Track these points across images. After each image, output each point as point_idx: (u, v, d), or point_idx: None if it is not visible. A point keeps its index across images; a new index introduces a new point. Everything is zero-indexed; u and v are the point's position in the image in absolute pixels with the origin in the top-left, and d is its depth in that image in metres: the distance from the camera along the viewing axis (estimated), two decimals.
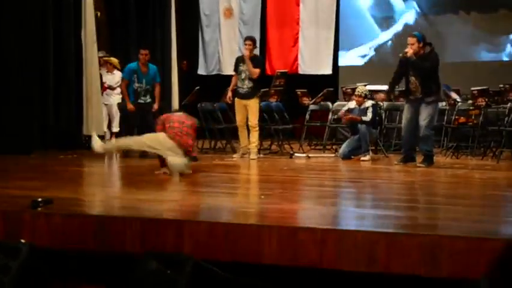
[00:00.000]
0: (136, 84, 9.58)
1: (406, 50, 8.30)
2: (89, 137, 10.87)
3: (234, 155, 9.53)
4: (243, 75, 9.40)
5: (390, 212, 4.79)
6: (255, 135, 9.42)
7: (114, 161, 9.28)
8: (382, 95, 8.75)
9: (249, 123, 9.38)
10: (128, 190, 6.08)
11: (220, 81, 14.00)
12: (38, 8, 10.46)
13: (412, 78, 8.34)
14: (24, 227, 4.36)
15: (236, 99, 9.51)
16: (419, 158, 8.42)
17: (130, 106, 9.54)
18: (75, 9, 10.93)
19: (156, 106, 9.51)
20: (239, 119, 9.46)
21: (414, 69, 8.25)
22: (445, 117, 10.74)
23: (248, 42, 9.50)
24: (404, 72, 8.42)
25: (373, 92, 10.63)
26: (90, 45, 11.09)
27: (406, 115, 8.49)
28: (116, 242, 4.18)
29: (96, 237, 4.24)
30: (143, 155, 8.89)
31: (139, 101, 9.61)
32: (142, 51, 9.64)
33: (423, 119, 8.22)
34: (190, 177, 6.99)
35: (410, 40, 8.31)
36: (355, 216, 4.67)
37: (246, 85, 9.39)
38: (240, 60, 9.55)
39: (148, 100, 9.64)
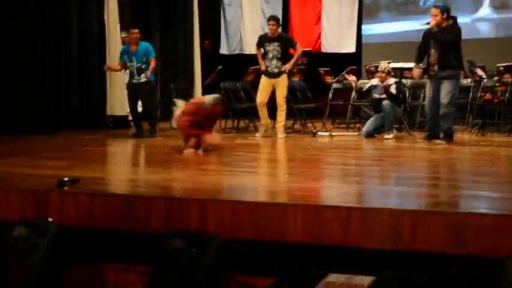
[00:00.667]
0: (129, 64, 9.60)
1: (430, 20, 8.22)
2: (113, 117, 10.98)
3: (256, 134, 9.51)
4: (270, 55, 9.33)
5: (415, 189, 4.76)
6: (282, 114, 9.36)
7: (139, 140, 9.33)
8: (417, 71, 8.63)
9: (277, 100, 9.33)
10: (152, 169, 6.11)
11: (243, 61, 14.00)
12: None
13: (432, 51, 8.26)
14: (51, 206, 4.42)
15: (263, 77, 9.44)
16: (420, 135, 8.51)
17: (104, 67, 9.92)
18: None
19: (148, 74, 9.45)
20: (262, 97, 9.40)
21: (435, 41, 8.17)
22: (470, 94, 10.61)
23: (272, 22, 9.39)
24: (427, 46, 8.34)
25: (404, 71, 10.49)
26: (113, 26, 11.14)
27: (428, 92, 8.43)
28: (141, 221, 4.21)
29: (121, 216, 4.27)
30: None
31: (133, 80, 9.61)
32: (132, 30, 9.67)
33: (443, 96, 8.16)
34: (213, 157, 7.01)
35: (434, 11, 8.21)
36: (380, 194, 4.65)
37: (275, 64, 9.33)
38: (265, 39, 9.45)
39: (143, 80, 9.59)
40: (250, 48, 14.81)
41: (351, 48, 14.14)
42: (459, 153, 7.46)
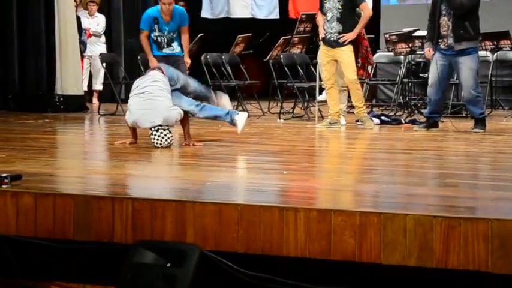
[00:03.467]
0: (156, 33, 9.14)
1: None
2: (64, 97, 10.95)
3: (319, 124, 9.13)
4: (329, 15, 8.92)
5: (447, 190, 4.77)
6: (357, 95, 9.04)
7: (96, 126, 9.31)
8: (430, 50, 8.53)
9: (346, 79, 9.02)
10: (115, 163, 6.10)
11: (230, 27, 13.98)
12: None
13: (444, 19, 8.27)
14: None
15: (322, 49, 9.12)
16: (456, 123, 8.60)
17: (154, 62, 8.63)
18: None
19: (187, 60, 8.92)
20: (327, 74, 9.04)
21: (447, 5, 8.18)
22: (490, 71, 10.76)
23: None
24: (440, 13, 8.34)
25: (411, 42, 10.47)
26: None
27: (433, 70, 8.42)
28: (101, 229, 4.20)
29: (75, 222, 4.26)
30: None
31: (162, 53, 9.13)
32: (165, 0, 9.04)
33: (466, 77, 8.20)
34: (192, 148, 7.00)
35: None
36: (402, 195, 4.66)
37: (335, 28, 8.94)
38: None
39: (178, 50, 9.30)
40: (240, 11, 14.84)
41: None
42: (500, 144, 7.49)
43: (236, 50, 11.30)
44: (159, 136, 6.65)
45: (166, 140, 6.67)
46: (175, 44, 8.96)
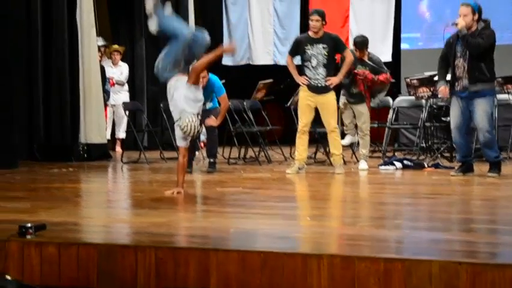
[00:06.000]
0: None
1: (457, 21, 8.24)
2: (87, 146, 11.04)
3: (289, 170, 9.20)
4: (314, 62, 9.00)
5: (472, 236, 4.73)
6: (336, 143, 9.11)
7: (119, 174, 9.34)
8: (444, 89, 8.52)
9: (328, 126, 9.08)
10: (138, 211, 6.11)
11: (251, 73, 14.08)
12: None
13: (460, 61, 8.28)
14: (10, 259, 4.41)
15: (303, 93, 9.13)
16: (479, 166, 8.56)
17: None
18: None
19: (215, 123, 8.17)
20: (305, 121, 9.08)
21: (463, 46, 8.19)
22: None
23: (315, 16, 9.04)
24: (453, 55, 8.34)
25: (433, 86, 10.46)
26: (88, 30, 11.21)
27: (454, 114, 8.42)
28: (125, 278, 4.20)
29: (99, 271, 4.26)
30: None
31: None
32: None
33: (480, 119, 8.18)
34: (215, 195, 7.00)
35: (464, 10, 8.22)
36: (427, 241, 4.62)
37: (322, 74, 8.99)
38: (305, 41, 9.10)
39: (209, 105, 9.35)
40: (261, 58, 14.95)
41: (385, 56, 14.16)
42: None
43: (257, 96, 11.37)
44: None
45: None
46: (208, 103, 9.16)
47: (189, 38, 6.93)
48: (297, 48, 9.20)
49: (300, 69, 9.19)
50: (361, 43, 9.79)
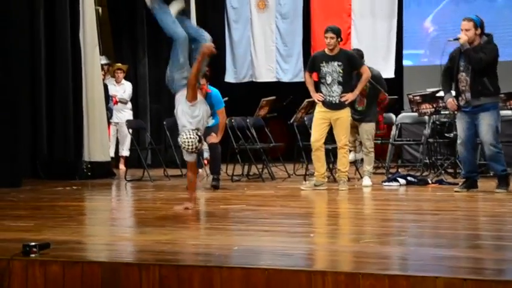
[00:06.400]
0: None
1: (459, 35, 8.26)
2: (91, 164, 11.04)
3: (302, 186, 9.23)
4: (329, 79, 9.03)
5: (477, 252, 4.73)
6: (344, 160, 9.12)
7: (123, 192, 9.34)
8: (452, 101, 8.51)
9: (338, 142, 9.11)
10: (142, 229, 6.11)
11: (254, 91, 14.09)
12: (24, 3, 10.63)
13: (462, 75, 8.29)
14: (14, 278, 4.40)
15: (318, 109, 9.18)
16: (483, 182, 8.52)
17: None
18: (72, 5, 11.11)
19: (215, 140, 8.42)
20: (317, 136, 9.10)
21: (466, 61, 8.20)
22: None
23: (330, 34, 9.04)
24: (456, 69, 8.35)
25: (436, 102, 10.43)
26: (91, 49, 11.25)
27: (459, 128, 8.43)
28: None
29: None
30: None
31: None
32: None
33: (484, 133, 8.18)
34: (219, 212, 6.99)
35: (466, 25, 8.24)
36: (432, 258, 4.61)
37: (336, 92, 9.04)
38: (320, 59, 9.14)
39: (211, 122, 9.34)
40: (264, 75, 14.96)
41: (388, 73, 14.17)
42: None
43: (260, 113, 11.38)
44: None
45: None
46: (210, 120, 9.02)
47: (184, 38, 6.91)
48: (313, 65, 9.24)
49: (317, 86, 9.24)
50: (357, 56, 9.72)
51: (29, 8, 10.87)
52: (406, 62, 14.67)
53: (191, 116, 6.78)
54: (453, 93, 8.54)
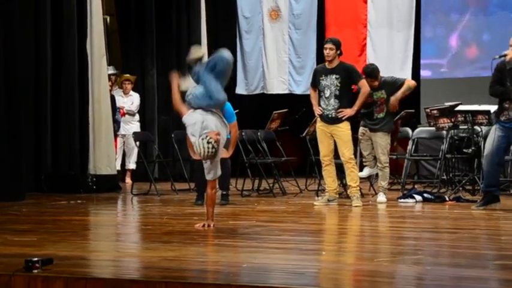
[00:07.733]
0: None
1: (506, 52, 8.24)
2: (96, 177, 11.05)
3: (316, 201, 9.25)
4: (327, 92, 9.05)
5: (496, 273, 4.70)
6: (353, 174, 9.10)
7: (129, 206, 9.34)
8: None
9: (342, 157, 9.09)
10: (148, 245, 6.10)
11: (266, 103, 14.10)
12: (30, 12, 10.67)
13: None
14: None
15: (318, 124, 9.23)
16: (503, 199, 8.49)
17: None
18: (79, 14, 11.15)
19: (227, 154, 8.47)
20: (325, 151, 9.13)
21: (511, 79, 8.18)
22: None
23: (329, 45, 9.08)
24: (504, 81, 8.31)
25: (477, 115, 10.37)
26: (98, 59, 11.29)
27: (491, 137, 8.37)
28: None
29: None
30: None
31: None
32: None
33: None
34: (228, 228, 6.98)
35: None
36: (450, 278, 4.58)
37: (332, 105, 9.05)
38: (320, 72, 9.18)
39: None
40: (276, 87, 14.97)
41: None
42: None
43: (272, 126, 11.37)
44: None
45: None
46: None
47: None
48: (314, 79, 9.28)
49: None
50: (372, 71, 9.70)
51: (35, 16, 10.91)
52: (425, 73, 14.62)
53: (191, 127, 6.84)
54: (494, 107, 8.49)
